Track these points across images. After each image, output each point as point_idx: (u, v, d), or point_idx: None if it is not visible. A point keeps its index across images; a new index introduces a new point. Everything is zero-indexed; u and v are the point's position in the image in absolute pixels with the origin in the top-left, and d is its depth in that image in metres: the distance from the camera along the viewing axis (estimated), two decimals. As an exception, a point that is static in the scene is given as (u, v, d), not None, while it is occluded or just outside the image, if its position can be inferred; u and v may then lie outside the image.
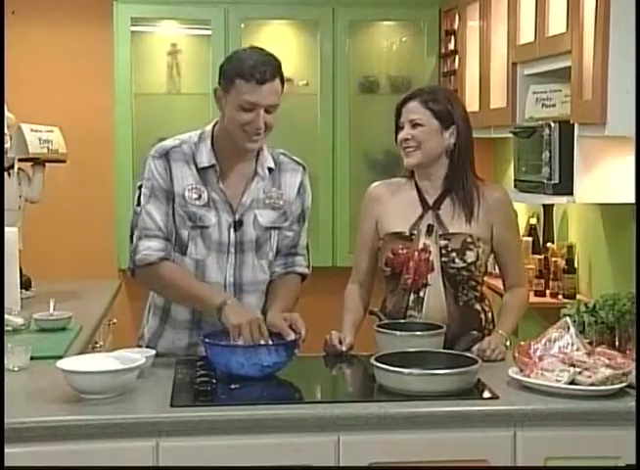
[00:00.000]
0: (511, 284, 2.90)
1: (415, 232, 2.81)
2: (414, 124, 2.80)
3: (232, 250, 2.71)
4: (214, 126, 2.73)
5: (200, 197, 2.68)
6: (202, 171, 2.69)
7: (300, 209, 2.83)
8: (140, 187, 2.70)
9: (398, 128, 2.85)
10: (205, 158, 2.69)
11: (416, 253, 2.79)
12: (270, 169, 2.76)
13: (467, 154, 2.84)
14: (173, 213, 2.68)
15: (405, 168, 2.88)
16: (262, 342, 2.48)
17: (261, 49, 2.68)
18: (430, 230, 2.80)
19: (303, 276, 2.87)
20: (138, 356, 2.37)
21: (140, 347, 2.77)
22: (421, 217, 2.82)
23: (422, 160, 2.82)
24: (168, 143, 2.73)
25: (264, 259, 2.77)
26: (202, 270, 2.71)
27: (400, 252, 2.81)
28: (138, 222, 2.68)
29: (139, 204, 2.69)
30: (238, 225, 2.71)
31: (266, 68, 2.58)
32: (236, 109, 2.60)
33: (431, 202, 2.84)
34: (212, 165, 2.69)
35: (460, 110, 2.84)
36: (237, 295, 2.71)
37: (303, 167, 2.85)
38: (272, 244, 2.77)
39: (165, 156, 2.68)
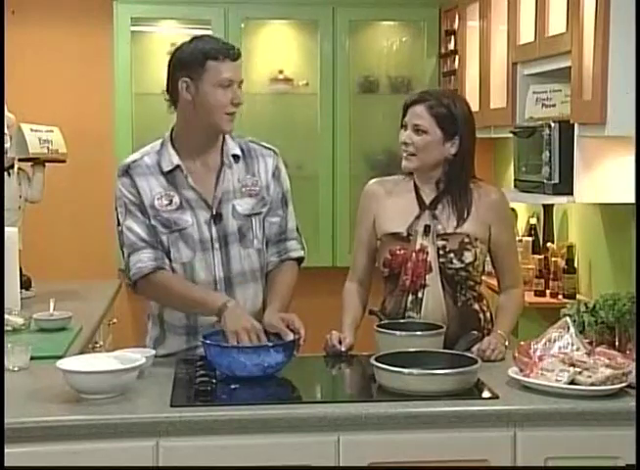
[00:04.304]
0: (507, 285, 2.90)
1: (412, 233, 2.81)
2: (417, 130, 2.78)
3: (216, 245, 2.71)
4: (172, 130, 2.76)
5: (171, 202, 2.69)
6: (169, 176, 2.70)
7: (281, 193, 2.82)
8: (116, 209, 2.73)
9: (402, 126, 2.84)
10: (169, 161, 2.71)
11: (413, 254, 2.79)
12: (236, 157, 2.76)
13: (467, 163, 2.82)
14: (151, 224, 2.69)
15: (402, 170, 2.87)
16: None
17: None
18: (427, 231, 2.80)
19: (300, 260, 2.86)
20: (138, 356, 2.37)
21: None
22: (418, 217, 2.82)
23: (419, 166, 2.81)
24: (129, 159, 2.76)
25: (250, 248, 2.76)
26: (190, 272, 2.71)
27: (398, 253, 2.81)
28: (124, 240, 2.71)
29: (119, 224, 2.72)
30: (217, 219, 2.71)
31: (232, 45, 2.66)
32: (213, 90, 2.62)
33: (427, 201, 2.83)
34: (177, 166, 2.70)
35: (465, 116, 2.79)
36: (228, 289, 2.71)
37: (275, 152, 2.84)
38: (255, 231, 2.76)
39: (127, 172, 2.71)
